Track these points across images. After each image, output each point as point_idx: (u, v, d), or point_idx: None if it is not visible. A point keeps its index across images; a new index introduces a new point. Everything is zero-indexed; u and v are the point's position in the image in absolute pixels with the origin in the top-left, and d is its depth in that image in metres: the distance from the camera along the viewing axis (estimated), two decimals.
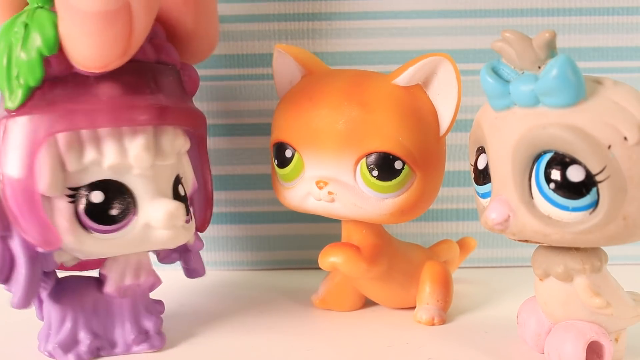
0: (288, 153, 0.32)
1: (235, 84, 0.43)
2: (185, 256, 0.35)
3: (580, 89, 0.24)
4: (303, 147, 0.32)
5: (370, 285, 0.35)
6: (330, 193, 0.31)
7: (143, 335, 0.31)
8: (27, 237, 0.28)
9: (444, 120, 0.32)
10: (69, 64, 0.27)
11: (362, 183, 0.31)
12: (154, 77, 0.29)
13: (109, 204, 0.28)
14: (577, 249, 0.27)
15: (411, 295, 0.35)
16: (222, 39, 0.42)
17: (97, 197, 0.28)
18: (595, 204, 0.24)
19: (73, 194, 0.28)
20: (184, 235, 0.31)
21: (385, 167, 0.31)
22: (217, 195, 0.43)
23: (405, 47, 0.42)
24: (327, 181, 0.31)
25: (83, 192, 0.28)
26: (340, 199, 0.31)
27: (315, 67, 0.34)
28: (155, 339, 0.31)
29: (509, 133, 0.25)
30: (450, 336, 0.33)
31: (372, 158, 0.31)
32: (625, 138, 0.23)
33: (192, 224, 0.32)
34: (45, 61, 0.27)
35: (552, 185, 0.24)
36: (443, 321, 0.34)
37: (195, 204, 0.34)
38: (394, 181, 0.31)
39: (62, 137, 0.28)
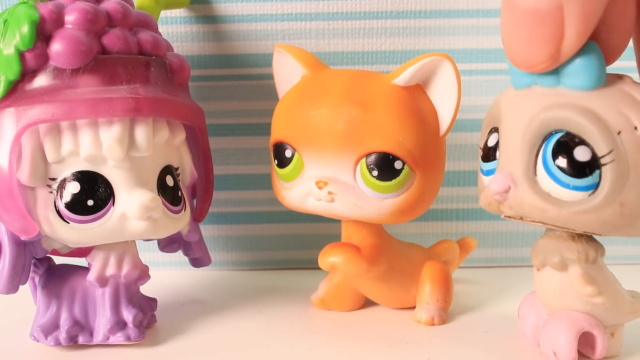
0: (288, 153, 0.32)
1: (235, 84, 0.43)
2: (185, 246, 0.35)
3: (601, 75, 0.24)
4: (303, 147, 0.32)
5: (370, 285, 0.35)
6: (330, 193, 0.31)
7: (120, 326, 0.31)
8: (7, 225, 0.29)
9: (444, 120, 0.32)
10: (46, 59, 0.29)
11: (362, 183, 0.31)
12: (133, 69, 0.30)
13: (85, 194, 0.29)
14: (573, 240, 0.27)
15: (411, 295, 0.35)
16: (222, 39, 0.42)
17: (74, 187, 0.29)
18: (595, 187, 0.24)
19: (53, 184, 0.29)
20: (169, 226, 0.31)
21: (385, 167, 0.31)
22: (217, 195, 0.43)
23: (405, 47, 0.42)
24: (327, 181, 0.31)
25: (61, 182, 0.29)
26: (340, 199, 0.31)
27: (315, 67, 0.34)
28: (132, 330, 0.31)
29: (525, 110, 0.26)
30: (450, 336, 0.33)
31: (372, 158, 0.31)
32: (636, 128, 0.24)
33: (184, 214, 0.33)
34: (22, 56, 0.28)
35: (558, 162, 0.25)
36: (443, 321, 0.34)
37: (196, 194, 0.35)
38: (394, 181, 0.31)
39: (42, 128, 0.29)
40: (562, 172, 0.25)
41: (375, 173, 0.31)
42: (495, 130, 0.28)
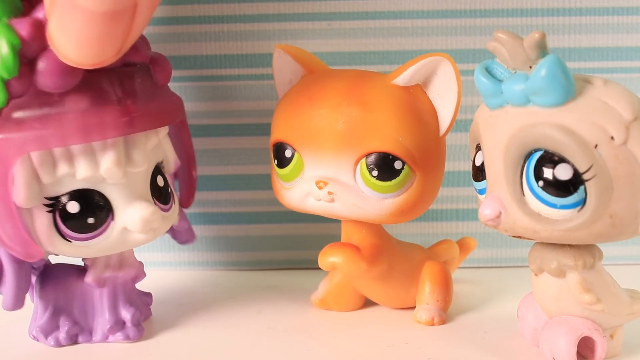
0: (288, 153, 0.32)
1: (235, 84, 0.42)
2: (173, 232, 0.36)
3: (569, 88, 0.24)
4: (303, 147, 0.32)
5: (370, 285, 0.35)
6: (330, 193, 0.31)
7: (119, 325, 0.32)
8: (10, 252, 0.29)
9: (444, 120, 0.32)
10: (30, 83, 0.27)
11: (362, 183, 0.31)
12: (121, 84, 0.29)
13: (85, 213, 0.29)
14: (570, 246, 0.27)
15: (411, 295, 0.35)
16: (222, 39, 0.42)
17: (73, 207, 0.29)
18: (582, 202, 0.24)
19: (50, 204, 0.29)
20: (165, 226, 0.32)
21: (385, 167, 0.31)
22: (217, 195, 0.43)
23: (405, 47, 0.42)
24: (327, 181, 0.31)
25: (59, 202, 0.29)
26: (340, 199, 0.31)
27: (315, 67, 0.34)
28: (131, 330, 0.32)
29: (502, 131, 0.26)
30: (450, 336, 0.33)
31: (372, 158, 0.31)
32: (612, 138, 0.24)
33: (174, 208, 0.33)
34: (7, 84, 0.27)
35: (541, 182, 0.25)
36: (443, 321, 0.34)
37: (180, 181, 0.35)
38: (393, 181, 0.31)
39: (34, 154, 0.28)
40: (547, 192, 0.25)
41: (375, 173, 0.31)
42: (479, 147, 0.28)
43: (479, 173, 0.28)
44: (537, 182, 0.25)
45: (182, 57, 0.42)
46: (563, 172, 0.24)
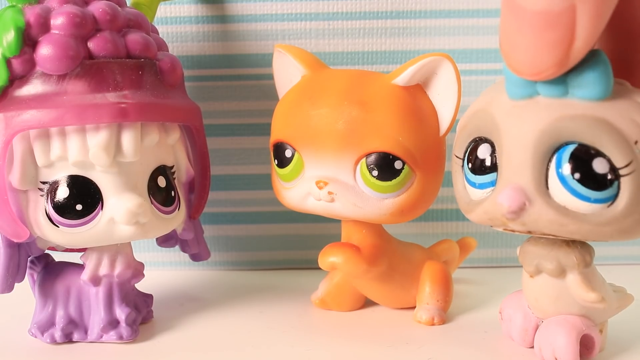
0: (288, 153, 0.32)
1: (235, 84, 0.43)
2: (182, 242, 0.35)
3: (610, 84, 0.24)
4: (303, 147, 0.32)
5: (370, 285, 0.35)
6: (330, 193, 0.31)
7: (113, 325, 0.32)
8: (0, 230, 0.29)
9: (444, 120, 0.32)
10: (33, 64, 0.28)
11: (362, 183, 0.31)
12: (121, 73, 0.30)
13: (74, 199, 0.29)
14: (568, 245, 0.27)
15: (411, 295, 0.35)
16: (222, 39, 0.42)
17: (63, 192, 0.29)
18: (613, 198, 0.24)
19: (44, 188, 0.29)
20: (160, 227, 0.32)
21: (385, 167, 0.31)
22: (217, 195, 0.43)
23: (405, 47, 0.42)
24: (327, 181, 0.31)
25: (52, 185, 0.29)
26: (340, 198, 0.31)
27: (315, 67, 0.34)
28: (125, 329, 0.32)
29: (532, 122, 0.25)
30: (450, 336, 0.33)
31: (372, 158, 0.31)
32: None
33: (178, 213, 0.33)
34: (8, 62, 0.28)
35: (578, 175, 0.24)
36: (443, 321, 0.34)
37: (194, 193, 0.35)
38: (393, 181, 0.31)
39: (32, 133, 0.29)
40: (582, 185, 0.24)
41: (375, 173, 0.31)
42: (482, 140, 0.27)
43: (481, 166, 0.27)
44: (573, 174, 0.24)
45: (182, 57, 0.42)
46: (600, 166, 0.24)
